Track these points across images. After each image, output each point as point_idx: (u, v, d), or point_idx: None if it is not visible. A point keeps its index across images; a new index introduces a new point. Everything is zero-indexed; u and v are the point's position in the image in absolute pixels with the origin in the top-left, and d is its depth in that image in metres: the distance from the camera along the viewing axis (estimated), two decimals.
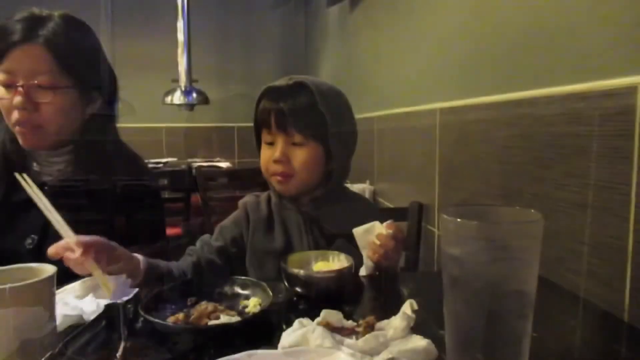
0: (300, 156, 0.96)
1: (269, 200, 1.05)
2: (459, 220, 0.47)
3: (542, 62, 0.98)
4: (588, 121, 0.83)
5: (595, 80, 0.82)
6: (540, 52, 0.99)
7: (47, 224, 0.90)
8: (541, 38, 0.98)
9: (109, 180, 1.02)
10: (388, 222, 0.89)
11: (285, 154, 0.95)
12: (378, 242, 0.87)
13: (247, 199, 1.07)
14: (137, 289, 0.73)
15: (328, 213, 1.02)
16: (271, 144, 0.97)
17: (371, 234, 0.89)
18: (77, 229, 0.95)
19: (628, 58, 0.76)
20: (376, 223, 0.89)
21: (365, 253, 0.90)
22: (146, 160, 3.18)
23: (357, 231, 0.90)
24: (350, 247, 0.92)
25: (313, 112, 0.94)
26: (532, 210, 0.49)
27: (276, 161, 0.96)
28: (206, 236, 1.05)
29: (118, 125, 1.17)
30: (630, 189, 0.73)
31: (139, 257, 0.86)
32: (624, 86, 0.75)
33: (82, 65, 1.00)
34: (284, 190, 1.00)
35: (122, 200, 1.02)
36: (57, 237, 0.76)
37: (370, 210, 1.11)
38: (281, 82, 0.97)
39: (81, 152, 1.02)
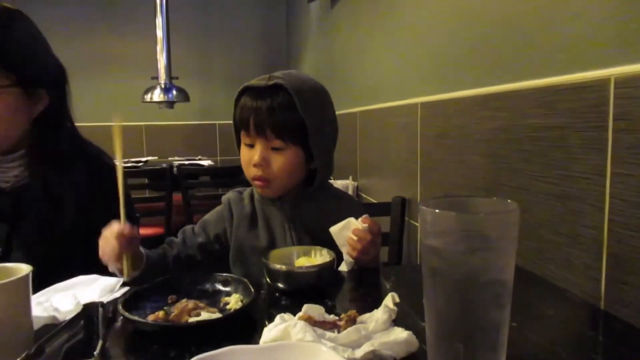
0: (279, 161, 0.95)
1: (252, 196, 1.05)
2: (437, 211, 0.48)
3: (519, 56, 0.99)
4: (564, 113, 0.84)
5: (569, 73, 0.84)
6: (517, 46, 1.00)
7: (10, 236, 0.89)
8: (518, 32, 1.00)
9: (70, 182, 0.97)
10: (363, 216, 0.89)
11: (265, 159, 0.94)
12: (355, 238, 0.87)
13: (230, 195, 1.07)
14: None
15: (311, 210, 1.02)
16: (251, 145, 0.96)
17: (347, 230, 0.89)
18: (40, 235, 0.93)
19: (600, 51, 0.78)
20: (351, 219, 0.89)
21: (344, 250, 0.90)
22: (126, 160, 3.15)
23: (334, 230, 0.91)
24: (334, 243, 0.92)
25: (292, 117, 0.93)
26: (509, 201, 0.50)
27: (255, 165, 0.95)
28: (188, 229, 1.04)
29: (94, 124, 1.14)
30: (605, 180, 0.75)
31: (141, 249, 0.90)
32: (597, 78, 0.77)
33: (23, 61, 0.91)
34: (264, 193, 1.00)
35: (86, 201, 0.98)
36: (23, 248, 0.74)
37: (354, 207, 1.12)
38: (260, 81, 0.95)
39: (35, 154, 0.95)
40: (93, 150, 1.08)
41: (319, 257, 0.86)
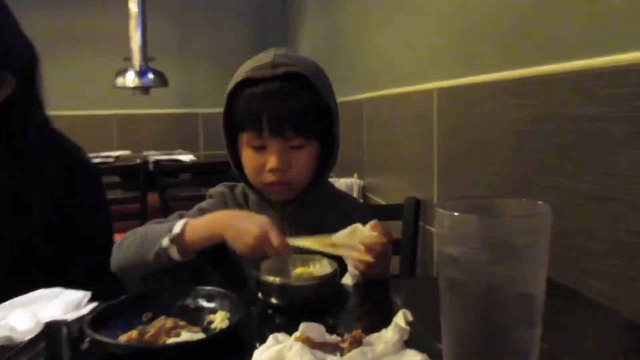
0: (301, 161, 0.96)
1: (245, 197, 1.05)
2: (455, 214, 0.48)
3: (554, 33, 0.99)
4: (605, 101, 0.84)
5: (611, 53, 0.84)
6: (552, 22, 1.00)
7: None
8: (555, 4, 1.00)
9: (40, 180, 0.97)
10: (372, 222, 0.89)
11: (285, 162, 0.94)
12: (362, 248, 0.87)
13: (223, 189, 1.07)
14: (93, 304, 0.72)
15: (315, 214, 1.03)
16: (260, 147, 0.96)
17: (353, 239, 0.89)
18: (3, 237, 0.93)
19: None
20: (358, 226, 0.89)
21: (349, 262, 0.90)
22: (94, 154, 3.17)
23: (337, 238, 0.90)
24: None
25: (314, 109, 0.94)
26: (540, 202, 0.50)
27: (274, 170, 0.95)
28: (185, 213, 1.03)
29: (58, 112, 1.15)
30: None
31: None
32: None
33: None
34: (282, 198, 1.00)
35: (57, 203, 0.99)
36: None
37: (359, 209, 1.12)
38: (264, 70, 0.93)
39: None
40: (67, 145, 1.08)
41: (319, 267, 0.87)
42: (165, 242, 0.88)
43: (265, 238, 0.83)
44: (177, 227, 0.89)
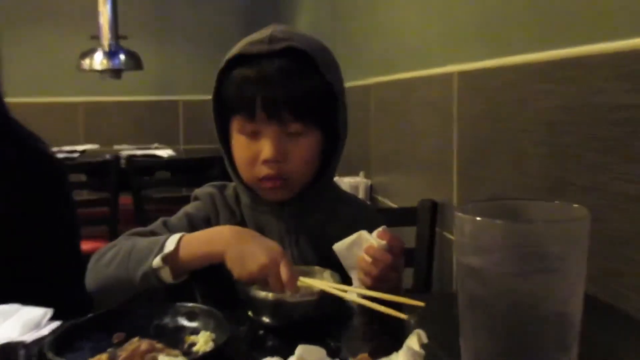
0: (299, 151, 0.96)
1: (237, 199, 1.06)
2: (478, 219, 0.48)
3: (592, 9, 0.99)
4: None
5: None
6: None
7: None
8: None
9: None
10: (379, 229, 0.89)
11: (281, 152, 0.95)
12: (369, 259, 0.87)
13: (211, 190, 1.07)
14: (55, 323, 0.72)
15: (320, 218, 1.03)
16: (254, 134, 0.96)
17: (358, 249, 0.89)
18: None
19: None
20: (363, 233, 0.89)
21: (354, 275, 0.90)
22: (56, 149, 3.17)
23: (340, 247, 0.90)
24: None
25: (315, 89, 0.95)
26: (577, 205, 0.51)
27: (267, 161, 0.95)
28: (173, 221, 1.03)
29: (13, 99, 1.15)
30: None
31: None
32: None
33: None
34: (276, 197, 1.00)
35: (12, 201, 0.99)
36: None
37: (369, 214, 1.12)
38: (260, 45, 0.94)
39: None
40: (24, 134, 1.09)
41: (319, 280, 0.87)
42: (156, 261, 0.87)
43: (272, 269, 0.82)
44: (171, 244, 0.88)
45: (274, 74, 0.93)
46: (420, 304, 0.78)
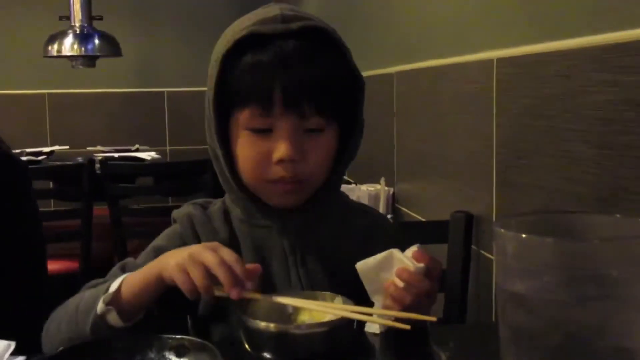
0: (318, 150, 0.98)
1: (225, 213, 1.06)
2: (523, 236, 0.48)
3: None
4: None
5: None
6: None
7: None
8: None
9: None
10: (414, 248, 0.89)
11: (299, 150, 0.95)
12: (401, 284, 0.87)
13: (190, 210, 1.07)
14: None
15: (329, 233, 1.04)
16: (266, 131, 0.96)
17: (387, 271, 0.89)
18: None
19: None
20: (395, 252, 0.89)
21: (377, 301, 0.90)
22: (17, 151, 3.19)
23: (364, 268, 0.90)
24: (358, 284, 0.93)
25: (340, 77, 0.97)
26: None
27: (283, 161, 0.95)
28: (131, 262, 1.05)
29: None
30: None
31: None
32: None
33: None
34: (287, 203, 1.01)
35: None
36: None
37: (385, 230, 1.13)
38: (273, 23, 0.95)
39: None
40: None
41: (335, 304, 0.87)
42: (100, 306, 0.89)
43: (197, 264, 0.84)
44: (114, 285, 0.91)
45: (294, 57, 0.94)
46: (433, 318, 0.80)
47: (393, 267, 0.88)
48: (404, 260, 0.87)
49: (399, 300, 0.87)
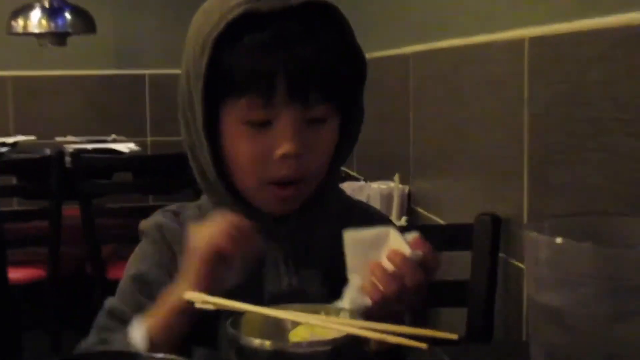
0: (322, 142, 1.00)
1: (204, 220, 1.06)
2: (558, 241, 0.48)
3: None
4: None
5: None
6: None
7: None
8: None
9: None
10: (414, 234, 0.90)
11: (303, 143, 0.96)
12: (390, 267, 0.87)
13: (158, 219, 1.07)
14: None
15: (322, 237, 1.04)
16: (264, 124, 0.96)
17: (377, 249, 0.89)
18: None
19: None
20: (392, 231, 0.90)
21: (355, 280, 0.90)
22: None
23: (352, 237, 0.90)
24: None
25: (348, 59, 0.98)
26: None
27: (286, 157, 0.96)
28: (115, 307, 1.03)
29: None
30: None
31: None
32: None
33: None
34: (283, 210, 1.02)
35: None
36: None
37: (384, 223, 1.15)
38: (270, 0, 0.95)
39: None
40: None
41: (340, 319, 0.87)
42: None
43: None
44: (137, 344, 0.90)
45: (298, 38, 0.94)
46: (454, 336, 0.79)
47: (385, 247, 0.89)
48: (401, 242, 0.88)
49: (383, 285, 0.87)
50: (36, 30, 3.66)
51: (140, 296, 1.02)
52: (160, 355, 0.80)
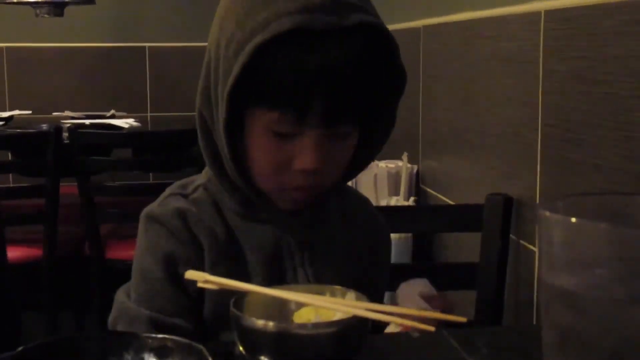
0: (341, 156, 1.01)
1: (217, 207, 1.06)
2: (573, 220, 0.48)
3: None
4: None
5: None
6: None
7: None
8: None
9: None
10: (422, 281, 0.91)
11: (324, 160, 0.97)
12: (419, 313, 0.88)
13: (178, 204, 1.05)
14: None
15: (334, 229, 1.07)
16: (287, 136, 0.96)
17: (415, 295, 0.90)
18: None
19: None
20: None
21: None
22: None
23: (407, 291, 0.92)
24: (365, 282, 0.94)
25: (389, 84, 1.00)
26: None
27: (307, 170, 0.96)
28: (121, 299, 1.04)
29: None
30: None
31: None
32: None
33: None
34: (298, 208, 1.03)
35: None
36: None
37: (379, 231, 1.18)
38: (324, 14, 0.91)
39: None
40: None
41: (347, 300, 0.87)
42: None
43: None
44: None
45: (344, 67, 0.93)
46: (463, 319, 0.79)
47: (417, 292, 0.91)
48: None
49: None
50: (32, 0, 3.65)
51: (167, 280, 1.02)
52: (160, 335, 0.81)
